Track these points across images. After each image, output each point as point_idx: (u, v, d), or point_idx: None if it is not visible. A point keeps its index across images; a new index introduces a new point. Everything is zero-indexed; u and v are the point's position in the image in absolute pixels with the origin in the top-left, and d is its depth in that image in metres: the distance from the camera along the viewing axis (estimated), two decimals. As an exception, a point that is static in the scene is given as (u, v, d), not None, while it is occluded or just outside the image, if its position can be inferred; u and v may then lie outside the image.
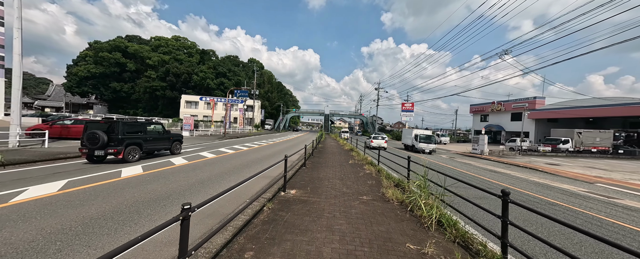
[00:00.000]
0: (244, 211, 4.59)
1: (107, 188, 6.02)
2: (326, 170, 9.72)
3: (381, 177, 8.52)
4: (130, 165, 9.13)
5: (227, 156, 13.08)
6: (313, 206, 5.20)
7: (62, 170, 7.98)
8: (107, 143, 9.26)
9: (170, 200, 5.47)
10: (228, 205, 5.49)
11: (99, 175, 7.43)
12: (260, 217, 4.42)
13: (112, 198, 5.36)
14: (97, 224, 4.04)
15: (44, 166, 8.54)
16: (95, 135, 9.03)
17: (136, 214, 4.56)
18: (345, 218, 4.61)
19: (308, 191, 6.44)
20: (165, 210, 4.89)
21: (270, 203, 5.08)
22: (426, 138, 23.59)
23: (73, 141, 15.16)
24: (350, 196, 6.14)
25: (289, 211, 4.78)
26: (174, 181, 7.12)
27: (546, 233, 5.16)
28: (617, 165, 19.73)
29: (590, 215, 6.76)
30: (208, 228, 4.20)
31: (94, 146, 9.05)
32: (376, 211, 5.07)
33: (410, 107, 52.36)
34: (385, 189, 6.68)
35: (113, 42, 65.66)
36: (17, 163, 8.56)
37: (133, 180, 6.97)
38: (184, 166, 9.68)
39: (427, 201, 4.93)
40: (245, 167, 10.30)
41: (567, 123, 36.72)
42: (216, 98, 46.50)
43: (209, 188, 6.74)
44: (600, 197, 9.01)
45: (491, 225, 5.16)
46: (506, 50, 19.53)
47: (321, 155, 15.19)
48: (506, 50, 19.53)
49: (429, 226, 4.23)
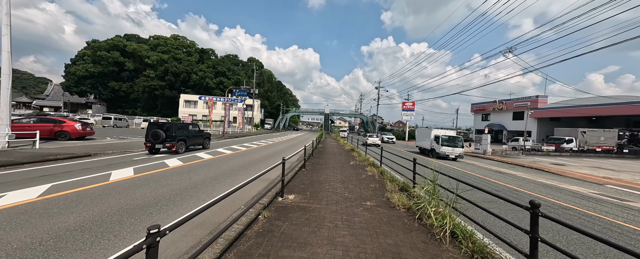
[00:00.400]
0: (237, 220, 4.19)
1: (91, 194, 5.60)
2: (327, 172, 9.31)
3: (384, 180, 8.11)
4: (121, 168, 8.72)
5: (224, 157, 12.66)
6: (313, 213, 4.79)
7: (49, 172, 7.56)
8: (165, 139, 12.27)
9: (157, 207, 5.05)
10: (221, 212, 5.08)
11: (87, 178, 7.01)
12: (254, 228, 4.01)
13: (95, 205, 4.94)
14: (72, 237, 3.62)
15: (31, 168, 8.12)
16: (157, 133, 12.17)
17: (118, 224, 4.15)
18: (348, 228, 4.19)
19: (307, 196, 6.02)
20: (152, 218, 4.47)
21: (266, 211, 4.67)
22: (450, 140, 18.87)
23: (66, 142, 14.74)
24: (353, 201, 5.73)
25: (287, 220, 4.37)
26: (165, 185, 6.70)
27: (565, 242, 4.75)
28: (623, 165, 19.32)
29: (608, 220, 6.36)
30: (196, 240, 3.78)
31: (156, 141, 12.18)
32: (382, 219, 4.65)
33: (411, 106, 51.97)
34: (390, 193, 6.27)
35: (111, 41, 65.16)
36: (3, 165, 8.14)
37: (121, 184, 6.56)
38: (178, 168, 9.27)
39: (438, 208, 4.52)
40: (242, 169, 9.89)
41: (569, 122, 36.31)
42: (215, 98, 46.08)
43: (202, 192, 6.32)
44: (614, 200, 8.60)
45: (507, 234, 4.75)
46: (510, 47, 19.15)
47: (321, 155, 14.78)
48: (510, 47, 19.15)
49: (442, 239, 3.82)
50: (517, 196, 8.40)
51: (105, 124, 37.30)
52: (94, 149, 12.50)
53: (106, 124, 37.25)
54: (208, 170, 9.17)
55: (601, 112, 32.48)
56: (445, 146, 18.43)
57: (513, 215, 6.26)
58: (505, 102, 44.51)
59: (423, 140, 22.29)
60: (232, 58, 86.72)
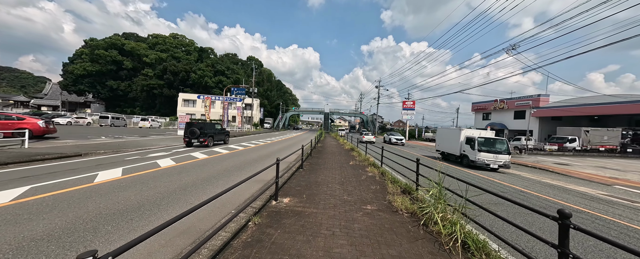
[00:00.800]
0: (225, 227, 3.79)
1: (71, 197, 5.20)
2: (325, 173, 8.91)
3: (386, 181, 7.71)
4: (110, 168, 8.32)
5: (219, 157, 12.26)
6: (308, 219, 4.39)
7: (32, 173, 7.16)
8: (199, 135, 15.55)
9: (140, 212, 4.65)
10: (209, 217, 4.68)
11: (70, 180, 6.60)
12: (242, 237, 3.61)
13: (72, 209, 4.54)
14: (35, 248, 3.22)
15: (15, 169, 7.71)
16: (194, 131, 15.48)
17: (92, 232, 3.75)
18: (346, 236, 3.80)
19: (304, 199, 5.63)
20: (131, 225, 4.07)
21: (257, 217, 4.27)
22: (490, 143, 13.86)
23: (57, 141, 14.34)
24: (352, 205, 5.33)
25: (279, 228, 3.97)
26: (152, 188, 6.30)
27: (581, 249, 4.36)
28: (628, 164, 18.93)
29: (623, 224, 5.97)
30: (176, 251, 3.38)
31: (193, 137, 15.51)
32: (383, 226, 4.26)
33: (412, 105, 51.56)
34: (392, 196, 5.88)
35: (109, 39, 64.63)
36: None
37: (105, 186, 6.15)
38: (170, 169, 8.87)
39: (445, 214, 4.12)
40: (237, 170, 9.49)
41: (571, 122, 35.90)
42: (213, 96, 45.62)
43: (191, 195, 5.92)
44: (625, 202, 8.22)
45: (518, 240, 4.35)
46: (513, 44, 18.75)
47: (320, 155, 14.38)
48: (513, 44, 18.75)
49: (452, 249, 3.42)
50: (524, 198, 8.01)
51: (102, 123, 36.94)
52: (86, 149, 12.10)
53: (103, 123, 36.89)
54: (201, 171, 8.77)
55: (604, 110, 32.09)
56: (484, 152, 13.45)
57: (522, 218, 5.87)
58: (506, 101, 44.07)
59: (447, 143, 17.16)
60: (232, 57, 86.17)
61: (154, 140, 18.93)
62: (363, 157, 13.16)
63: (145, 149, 13.66)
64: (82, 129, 27.37)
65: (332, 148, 18.81)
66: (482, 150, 13.59)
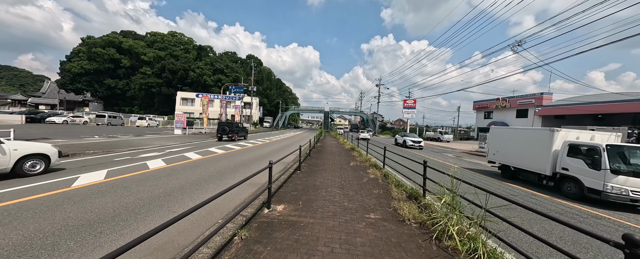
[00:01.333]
0: (208, 242, 3.26)
1: (39, 205, 4.66)
2: (324, 175, 8.36)
3: (389, 185, 7.17)
4: (92, 171, 7.76)
5: (214, 158, 11.72)
6: (304, 232, 3.84)
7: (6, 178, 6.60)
8: (229, 131, 20.81)
9: (113, 223, 4.11)
10: (192, 228, 4.14)
11: (44, 184, 6.04)
12: (224, 256, 3.06)
13: (36, 220, 4.00)
14: (-28, 273, 2.68)
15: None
16: (225, 128, 20.83)
17: (49, 250, 3.20)
18: (347, 253, 3.25)
19: (299, 206, 5.08)
20: (98, 241, 3.53)
21: (245, 230, 3.72)
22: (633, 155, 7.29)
23: (45, 142, 13.77)
24: (354, 213, 4.78)
25: (269, 243, 3.42)
26: (134, 193, 5.75)
27: None
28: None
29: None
30: (144, 275, 2.84)
31: (224, 133, 20.73)
32: (390, 239, 3.71)
33: (413, 103, 51.01)
34: (397, 203, 5.33)
35: (107, 37, 63.96)
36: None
37: (82, 192, 5.60)
38: (159, 170, 8.32)
39: (461, 226, 3.57)
40: (231, 172, 8.94)
41: (574, 120, 35.31)
42: (211, 95, 45.04)
43: (176, 202, 5.37)
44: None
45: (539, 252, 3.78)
46: (519, 41, 18.17)
47: (319, 155, 13.83)
48: (519, 41, 18.17)
49: (473, 273, 2.88)
50: (536, 201, 7.46)
51: (99, 122, 36.38)
52: (74, 149, 11.55)
53: (100, 122, 36.33)
54: (191, 173, 8.23)
55: (608, 109, 31.49)
56: (632, 177, 6.76)
57: (539, 226, 5.32)
58: (508, 100, 43.48)
59: (518, 152, 10.63)
60: (231, 56, 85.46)
61: (148, 139, 18.39)
62: (364, 158, 12.61)
63: (137, 149, 13.12)
64: (77, 128, 26.81)
65: (332, 148, 18.26)
66: (622, 170, 6.90)
